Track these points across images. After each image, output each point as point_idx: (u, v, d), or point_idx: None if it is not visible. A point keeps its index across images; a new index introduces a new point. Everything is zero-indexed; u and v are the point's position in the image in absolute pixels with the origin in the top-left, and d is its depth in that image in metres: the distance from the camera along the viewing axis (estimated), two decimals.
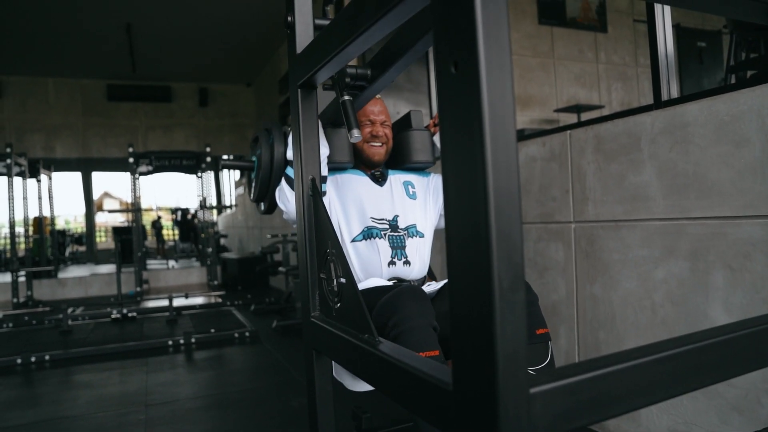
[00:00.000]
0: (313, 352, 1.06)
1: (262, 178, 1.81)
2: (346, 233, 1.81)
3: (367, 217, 1.81)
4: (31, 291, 7.44)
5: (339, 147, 1.84)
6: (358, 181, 1.89)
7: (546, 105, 5.24)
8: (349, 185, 1.86)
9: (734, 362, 0.64)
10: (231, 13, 6.70)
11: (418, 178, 2.01)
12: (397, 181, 1.93)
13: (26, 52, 7.80)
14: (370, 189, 1.88)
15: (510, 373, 0.46)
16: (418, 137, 1.96)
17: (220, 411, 2.79)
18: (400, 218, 1.85)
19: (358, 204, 1.83)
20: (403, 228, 1.84)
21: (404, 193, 1.92)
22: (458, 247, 0.50)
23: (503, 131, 0.46)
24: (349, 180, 1.88)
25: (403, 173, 1.98)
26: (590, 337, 2.27)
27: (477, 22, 0.45)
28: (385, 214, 1.84)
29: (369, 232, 1.80)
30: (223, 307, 6.15)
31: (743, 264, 1.68)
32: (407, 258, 1.80)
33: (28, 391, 3.30)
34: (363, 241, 1.79)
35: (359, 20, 0.75)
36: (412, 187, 1.95)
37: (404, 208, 1.88)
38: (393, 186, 1.91)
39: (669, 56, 2.05)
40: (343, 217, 1.82)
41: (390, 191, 1.90)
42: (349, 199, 1.83)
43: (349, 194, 1.84)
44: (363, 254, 1.78)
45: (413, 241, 1.84)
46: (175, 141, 9.83)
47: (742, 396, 1.70)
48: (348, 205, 1.83)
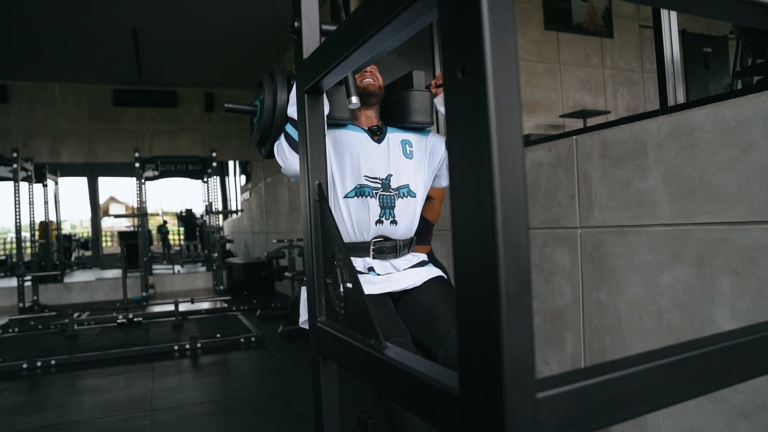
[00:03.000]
0: (319, 357, 1.06)
1: (264, 123, 1.82)
2: (340, 188, 1.83)
3: (361, 175, 1.83)
4: (37, 296, 7.47)
5: (339, 104, 1.86)
6: (356, 137, 1.89)
7: (552, 110, 5.24)
8: (347, 141, 1.88)
9: (740, 368, 0.63)
10: (237, 19, 6.72)
11: (417, 137, 2.01)
12: (395, 140, 1.94)
13: (33, 58, 7.84)
14: (367, 145, 1.89)
15: (516, 378, 0.46)
16: (418, 97, 1.97)
17: (225, 416, 2.79)
18: (393, 178, 1.87)
19: (353, 161, 1.84)
20: (394, 188, 1.86)
21: (401, 151, 1.93)
22: (465, 252, 0.50)
23: (510, 136, 0.46)
24: (348, 136, 1.89)
25: (402, 132, 1.99)
26: (596, 343, 2.26)
27: (484, 28, 0.45)
28: (378, 173, 1.86)
29: (361, 189, 1.82)
30: (229, 312, 6.15)
31: (749, 269, 1.68)
32: (395, 218, 1.84)
33: (34, 396, 3.31)
34: (355, 198, 1.82)
35: (366, 26, 0.75)
36: (409, 146, 1.96)
37: (399, 168, 1.89)
38: (390, 144, 1.93)
39: (675, 62, 2.05)
40: (338, 172, 1.84)
41: (387, 149, 1.91)
42: (345, 155, 1.85)
43: (345, 150, 1.86)
44: (353, 210, 1.82)
45: (403, 201, 1.87)
46: (181, 146, 9.85)
47: (749, 401, 1.69)
48: (344, 161, 1.85)
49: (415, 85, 1.99)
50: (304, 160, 1.07)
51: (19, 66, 8.18)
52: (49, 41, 7.25)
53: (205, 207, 8.94)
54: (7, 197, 7.57)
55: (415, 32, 0.73)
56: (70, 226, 18.37)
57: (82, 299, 8.14)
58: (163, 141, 9.78)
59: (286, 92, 1.79)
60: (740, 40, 3.25)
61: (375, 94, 1.95)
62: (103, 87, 9.34)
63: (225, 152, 10.11)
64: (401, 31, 0.74)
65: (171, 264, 12.23)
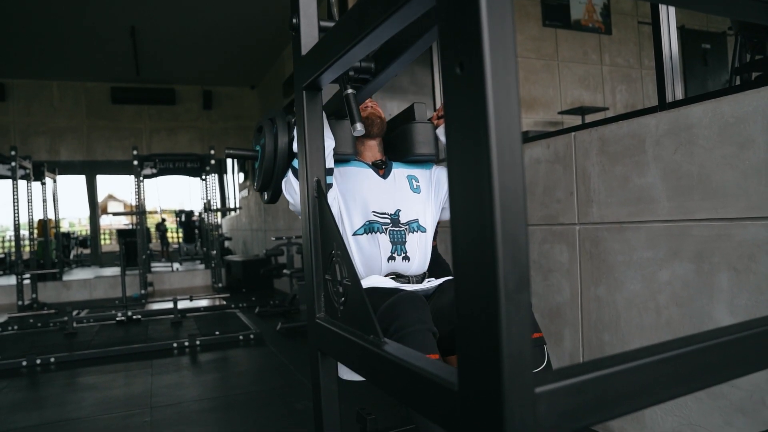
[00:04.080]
0: (318, 353, 1.07)
1: (266, 167, 1.80)
2: (348, 226, 1.80)
3: (369, 211, 1.81)
4: (36, 293, 7.47)
5: (342, 138, 1.85)
6: (362, 173, 1.88)
7: (550, 107, 5.24)
8: (353, 177, 1.86)
9: (738, 363, 0.64)
10: (235, 16, 6.71)
11: (422, 171, 2.00)
12: (401, 175, 1.93)
13: (31, 56, 7.83)
14: (373, 181, 1.87)
15: (515, 372, 0.47)
16: (421, 129, 1.96)
17: (224, 413, 2.79)
18: (402, 213, 1.85)
19: (360, 197, 1.82)
20: (404, 223, 1.84)
21: (408, 186, 1.91)
22: (464, 248, 0.50)
23: (508, 132, 0.46)
24: (353, 172, 1.87)
25: (407, 167, 1.98)
26: (595, 339, 2.26)
27: (482, 23, 0.45)
28: (387, 208, 1.83)
29: (370, 226, 1.80)
30: (228, 310, 6.15)
31: (748, 265, 1.68)
32: (407, 253, 1.81)
33: (34, 394, 3.31)
34: (364, 235, 1.79)
35: (364, 22, 0.75)
36: (416, 181, 1.94)
37: (407, 203, 1.87)
38: (397, 179, 1.91)
39: (673, 58, 2.05)
40: (345, 209, 1.82)
41: (393, 184, 1.89)
42: (352, 192, 1.83)
43: (352, 187, 1.84)
44: (364, 248, 1.79)
45: (414, 237, 1.84)
46: (179, 144, 9.85)
47: (747, 397, 1.70)
48: (350, 197, 1.83)
49: (416, 117, 1.99)
50: (302, 156, 1.07)
51: (17, 64, 8.17)
52: (47, 39, 7.24)
53: (204, 205, 8.94)
54: (5, 195, 7.57)
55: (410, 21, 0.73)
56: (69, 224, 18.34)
57: (81, 297, 8.14)
58: (162, 139, 9.78)
59: (287, 135, 1.77)
60: (739, 36, 3.26)
61: (376, 124, 1.94)
62: (102, 85, 9.33)
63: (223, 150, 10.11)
64: (400, 27, 0.74)
65: (170, 262, 12.23)
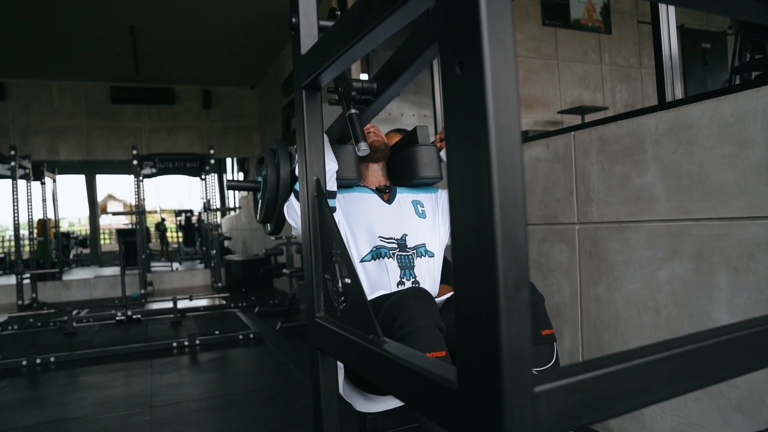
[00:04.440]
0: (318, 352, 1.07)
1: (268, 198, 1.78)
2: (355, 253, 1.78)
3: (376, 236, 1.79)
4: (36, 293, 7.47)
5: (346, 163, 1.83)
6: (366, 198, 1.86)
7: (550, 106, 5.24)
8: (357, 203, 1.84)
9: (737, 362, 0.64)
10: (234, 15, 6.71)
11: (427, 195, 1.98)
12: (405, 200, 1.91)
13: (30, 55, 7.82)
14: (377, 207, 1.85)
15: (515, 371, 0.47)
16: (425, 152, 1.94)
17: (224, 412, 2.79)
18: (408, 237, 1.82)
19: (366, 222, 1.80)
20: (411, 247, 1.81)
21: (413, 212, 1.89)
22: (464, 248, 0.50)
23: (508, 131, 0.46)
24: (357, 198, 1.85)
25: (411, 192, 1.96)
26: (594, 338, 2.27)
27: (482, 23, 0.45)
28: (393, 233, 1.81)
29: (378, 251, 1.77)
30: (227, 309, 6.15)
31: (747, 265, 1.68)
32: (416, 278, 1.78)
33: (34, 393, 3.31)
34: (372, 261, 1.77)
35: (364, 21, 0.75)
36: (421, 206, 1.92)
37: (413, 227, 1.85)
38: (401, 204, 1.89)
39: (673, 57, 2.05)
40: (351, 236, 1.79)
41: (398, 209, 1.87)
42: (357, 218, 1.81)
43: (356, 212, 1.82)
44: (372, 274, 1.76)
45: (422, 261, 1.81)
46: (179, 143, 9.84)
47: (746, 396, 1.70)
48: (356, 223, 1.80)
49: (420, 140, 1.97)
50: (302, 155, 1.07)
51: (16, 63, 8.17)
52: (47, 39, 7.23)
53: (203, 204, 8.94)
54: (5, 195, 7.57)
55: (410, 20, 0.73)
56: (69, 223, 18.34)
57: (80, 297, 8.13)
58: (161, 138, 9.78)
59: (288, 165, 1.75)
60: (739, 35, 3.26)
61: (380, 149, 1.93)
62: (101, 84, 9.33)
63: (223, 149, 10.11)
64: (399, 26, 0.74)
65: (169, 261, 12.22)
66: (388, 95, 1.47)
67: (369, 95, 1.50)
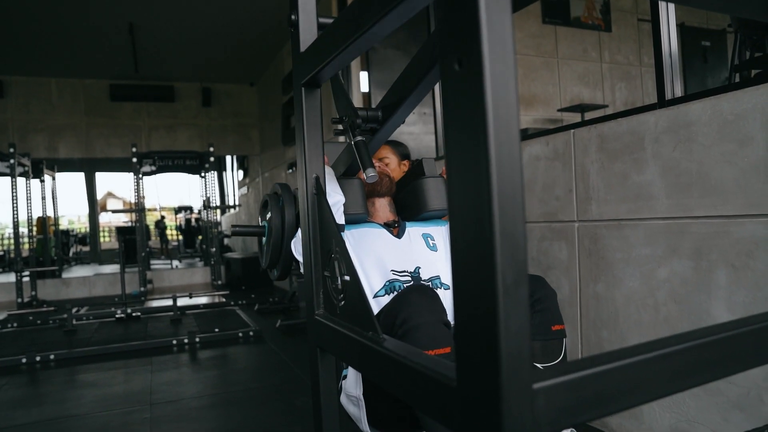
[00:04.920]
0: (318, 350, 1.07)
1: (274, 243, 1.74)
2: (368, 289, 1.72)
3: (388, 270, 1.74)
4: (36, 291, 7.47)
5: (353, 198, 1.79)
6: (375, 234, 1.81)
7: (550, 104, 5.24)
8: (366, 239, 1.79)
9: (736, 359, 0.64)
10: (234, 13, 6.70)
11: (437, 228, 1.95)
12: (415, 234, 1.87)
13: (29, 53, 7.81)
14: (387, 241, 1.81)
15: (513, 368, 0.47)
16: (432, 184, 1.91)
17: (224, 410, 2.79)
18: (422, 270, 1.78)
19: (376, 257, 1.74)
20: (426, 279, 1.77)
21: (424, 245, 1.85)
22: (462, 245, 0.50)
23: (507, 128, 0.46)
24: (366, 233, 1.80)
25: (421, 225, 1.91)
26: (593, 336, 2.27)
27: (481, 19, 0.45)
28: (406, 266, 1.77)
29: (391, 285, 1.72)
30: (227, 307, 6.16)
31: (746, 262, 1.68)
32: None
33: (33, 391, 3.31)
34: (386, 296, 1.71)
35: (363, 18, 0.75)
36: (431, 239, 1.88)
37: (426, 260, 1.80)
38: (412, 238, 1.85)
39: (673, 55, 2.05)
40: (362, 272, 1.73)
41: (409, 243, 1.83)
42: (367, 254, 1.75)
43: (367, 248, 1.76)
44: None
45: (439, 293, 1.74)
46: (179, 141, 9.83)
47: (744, 394, 1.70)
48: (366, 259, 1.75)
49: (426, 173, 1.95)
50: (301, 153, 1.07)
51: (15, 61, 8.15)
52: (46, 36, 7.22)
53: (203, 202, 8.94)
54: (4, 193, 7.57)
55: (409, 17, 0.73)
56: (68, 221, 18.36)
57: (80, 294, 8.14)
58: (161, 136, 9.76)
59: (293, 208, 1.72)
60: (738, 33, 3.26)
61: (385, 183, 1.91)
62: (100, 82, 9.31)
63: (223, 147, 10.10)
64: (399, 23, 0.74)
65: (169, 259, 12.23)
66: (394, 123, 1.47)
67: (374, 123, 1.49)
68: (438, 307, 1.41)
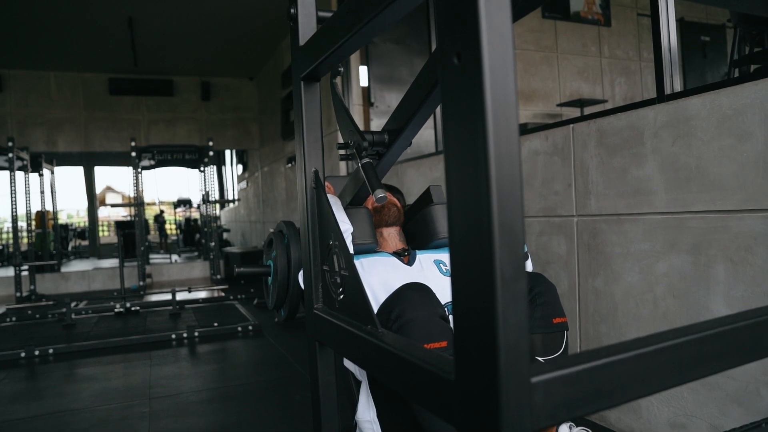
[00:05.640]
0: (316, 343, 1.07)
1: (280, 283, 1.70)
2: None
3: None
4: (34, 285, 7.47)
5: (361, 228, 1.75)
6: (386, 262, 1.75)
7: (549, 99, 5.24)
8: (377, 268, 1.72)
9: (734, 353, 0.64)
10: (233, 6, 6.68)
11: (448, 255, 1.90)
12: (427, 260, 1.81)
13: (28, 46, 7.79)
14: (399, 269, 1.74)
15: (511, 362, 0.47)
16: (440, 211, 1.87)
17: (223, 404, 2.80)
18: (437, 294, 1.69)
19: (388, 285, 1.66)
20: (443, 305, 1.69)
21: (437, 271, 1.79)
22: (461, 240, 0.51)
23: (505, 123, 0.46)
24: (376, 262, 1.74)
25: (432, 252, 1.85)
26: (592, 330, 2.27)
27: (480, 14, 0.45)
28: None
29: None
30: (226, 301, 6.16)
31: (744, 257, 1.68)
32: None
33: (32, 385, 3.32)
34: None
35: (362, 11, 0.75)
36: (444, 265, 1.81)
37: (439, 286, 1.70)
38: (423, 265, 1.79)
39: (672, 50, 2.05)
40: (373, 300, 1.64)
41: (421, 270, 1.77)
42: (379, 282, 1.68)
43: (377, 276, 1.70)
44: None
45: None
46: (178, 135, 9.81)
47: (742, 388, 1.70)
48: (379, 288, 1.67)
49: (434, 199, 1.92)
50: (300, 147, 1.07)
51: (14, 54, 8.13)
52: (45, 29, 7.20)
53: (202, 196, 8.93)
54: (3, 187, 7.56)
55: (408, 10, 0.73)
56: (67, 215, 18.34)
57: (79, 288, 8.14)
58: (160, 130, 9.74)
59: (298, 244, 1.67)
60: (738, 28, 3.25)
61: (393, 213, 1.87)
62: (99, 76, 9.29)
63: (222, 141, 10.09)
64: (398, 17, 0.74)
65: (168, 253, 12.23)
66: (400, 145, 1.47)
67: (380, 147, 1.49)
68: (432, 302, 1.40)
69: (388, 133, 1.47)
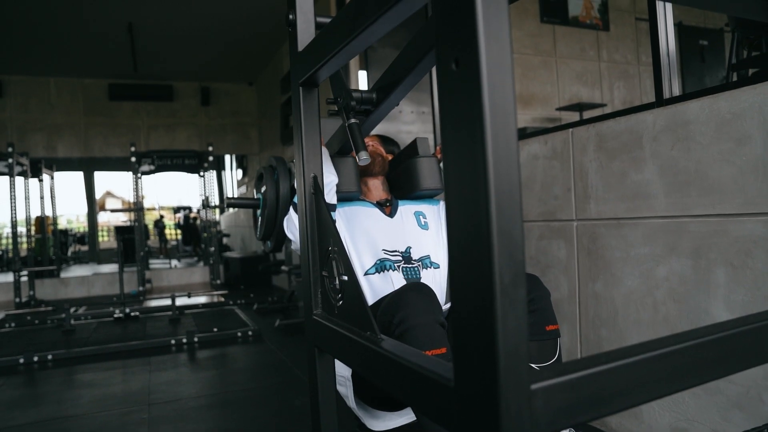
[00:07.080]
0: (316, 349, 1.07)
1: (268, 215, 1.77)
2: (358, 266, 1.76)
3: (379, 249, 1.77)
4: (34, 291, 7.46)
5: (346, 176, 1.82)
6: (367, 212, 1.84)
7: (548, 103, 5.24)
8: (359, 217, 1.82)
9: (735, 358, 0.64)
10: (233, 12, 6.69)
11: (429, 207, 1.97)
12: (407, 212, 1.90)
13: (28, 52, 7.80)
14: (379, 220, 1.84)
15: (511, 369, 0.47)
16: (425, 164, 1.93)
17: (222, 410, 2.79)
18: (413, 249, 1.81)
19: (368, 236, 1.78)
20: (416, 259, 1.80)
21: (416, 223, 1.88)
22: (459, 245, 0.50)
23: (504, 128, 0.46)
24: (358, 212, 1.84)
25: (413, 203, 1.94)
26: (592, 335, 2.27)
27: (478, 19, 0.45)
28: (397, 245, 1.80)
29: (382, 264, 1.75)
30: (226, 307, 6.15)
31: (744, 261, 1.68)
32: None
33: (31, 391, 3.31)
34: (376, 274, 1.75)
35: (361, 17, 0.75)
36: (423, 217, 1.91)
37: (417, 239, 1.83)
38: (404, 217, 1.88)
39: (671, 54, 2.05)
40: (353, 249, 1.77)
41: (401, 221, 1.86)
42: (359, 232, 1.79)
43: (358, 226, 1.80)
44: (377, 287, 1.74)
45: (428, 273, 1.80)
46: (177, 140, 9.81)
47: (743, 393, 1.70)
48: (358, 237, 1.78)
49: (420, 152, 1.96)
50: (299, 153, 1.07)
51: (14, 60, 8.15)
52: (45, 35, 7.21)
53: (202, 201, 8.93)
54: (2, 192, 7.56)
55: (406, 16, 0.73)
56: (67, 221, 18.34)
57: (78, 294, 8.13)
58: (160, 135, 9.75)
59: (288, 181, 1.74)
60: (736, 32, 3.25)
61: (378, 162, 1.93)
62: (99, 81, 9.30)
63: (221, 146, 10.09)
64: (396, 22, 0.74)
65: (168, 258, 12.22)
66: (388, 105, 1.47)
67: (369, 105, 1.50)
68: (435, 308, 1.42)
69: (377, 91, 1.47)
